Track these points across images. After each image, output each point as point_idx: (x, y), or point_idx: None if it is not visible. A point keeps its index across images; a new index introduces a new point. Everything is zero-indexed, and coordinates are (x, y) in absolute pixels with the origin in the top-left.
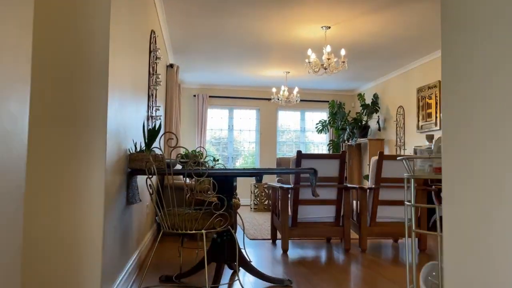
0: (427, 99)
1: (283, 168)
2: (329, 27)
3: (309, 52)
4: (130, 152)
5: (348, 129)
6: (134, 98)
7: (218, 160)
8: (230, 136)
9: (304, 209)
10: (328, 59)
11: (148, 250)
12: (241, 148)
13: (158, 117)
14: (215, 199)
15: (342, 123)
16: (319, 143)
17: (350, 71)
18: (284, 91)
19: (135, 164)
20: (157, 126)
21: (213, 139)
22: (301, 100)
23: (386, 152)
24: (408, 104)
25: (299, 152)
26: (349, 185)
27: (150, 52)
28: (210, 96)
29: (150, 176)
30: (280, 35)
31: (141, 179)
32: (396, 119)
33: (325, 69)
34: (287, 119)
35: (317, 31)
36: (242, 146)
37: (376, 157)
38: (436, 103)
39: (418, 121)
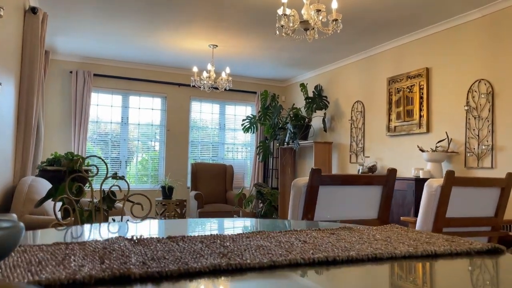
0: (405, 92)
1: None
2: None
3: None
4: None
5: (290, 128)
6: None
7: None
8: (123, 132)
9: None
10: (318, 10)
11: None
12: (139, 149)
13: None
14: None
15: (278, 120)
16: (245, 145)
17: (288, 53)
18: (210, 71)
19: None
20: None
21: (97, 135)
22: (228, 89)
23: (336, 159)
24: (371, 99)
25: (316, 172)
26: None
27: None
28: (95, 75)
29: None
30: None
31: None
32: (351, 117)
33: (312, 29)
34: (203, 113)
35: None
36: (140, 146)
37: (437, 183)
38: (421, 97)
39: (389, 121)
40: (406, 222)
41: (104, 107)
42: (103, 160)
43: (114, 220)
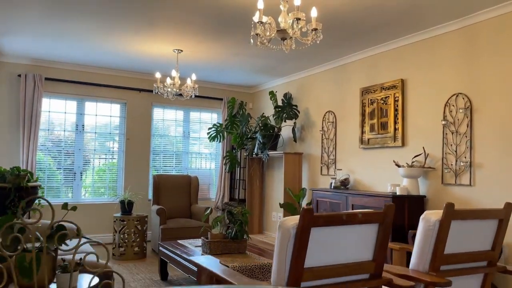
0: (380, 104)
1: None
2: None
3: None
4: None
5: (259, 138)
6: None
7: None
8: (78, 140)
9: None
10: (298, 19)
11: None
12: (96, 159)
13: None
14: None
15: (247, 129)
16: (210, 155)
17: (257, 60)
18: (174, 78)
19: None
20: None
21: (49, 144)
22: (194, 96)
23: (306, 171)
24: (342, 109)
25: (308, 213)
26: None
27: None
28: (47, 79)
29: None
30: None
31: None
32: (322, 128)
33: (290, 38)
34: (166, 120)
35: None
36: (97, 155)
37: (435, 217)
38: (396, 109)
39: (363, 133)
40: (389, 249)
41: (57, 113)
42: (49, 203)
43: (64, 261)
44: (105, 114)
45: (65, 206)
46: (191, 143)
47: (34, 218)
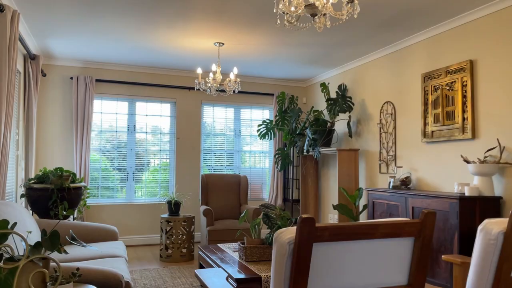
0: (445, 91)
1: None
2: None
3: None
4: None
5: (309, 134)
6: None
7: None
8: (130, 141)
9: None
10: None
11: None
12: (148, 159)
13: None
14: None
15: (297, 125)
16: (263, 153)
17: (307, 49)
18: (216, 73)
19: None
20: None
21: (102, 145)
22: (237, 92)
23: (363, 169)
24: (402, 99)
25: (307, 223)
26: None
27: None
28: (98, 80)
29: None
30: None
31: None
32: (380, 121)
33: (322, 15)
34: (217, 118)
35: None
36: (149, 155)
37: (497, 228)
38: (464, 96)
39: (425, 124)
40: (449, 263)
41: (108, 114)
42: (23, 238)
43: (56, 272)
44: (155, 113)
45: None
46: (243, 142)
47: (79, 220)
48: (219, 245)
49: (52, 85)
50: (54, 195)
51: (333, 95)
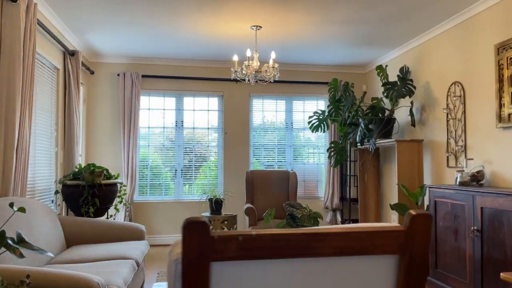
0: None
1: None
2: None
3: None
4: None
5: (362, 124)
6: None
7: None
8: (178, 137)
9: None
10: None
11: None
12: (196, 156)
13: None
14: None
15: (350, 114)
16: (316, 147)
17: (355, 27)
18: (252, 59)
19: None
20: None
21: (150, 142)
22: (287, 82)
23: (428, 163)
24: (473, 78)
25: (196, 229)
26: None
27: None
28: (144, 76)
29: None
30: None
31: None
32: (447, 105)
33: None
34: (267, 111)
35: None
36: (197, 152)
37: None
38: None
39: (501, 106)
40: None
41: (156, 111)
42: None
43: (2, 282)
44: (202, 108)
45: (11, 205)
46: (295, 136)
47: (127, 218)
48: None
49: (100, 83)
50: (85, 191)
51: (392, 78)
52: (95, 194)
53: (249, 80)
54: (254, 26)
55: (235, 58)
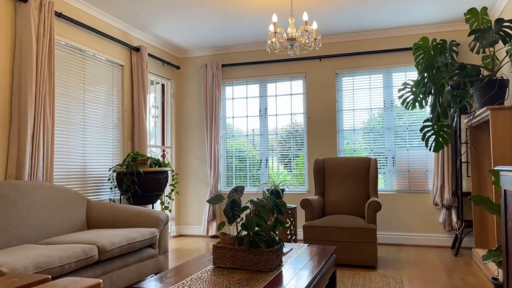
0: None
1: None
2: None
3: None
4: None
5: (448, 90)
6: None
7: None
8: (263, 125)
9: None
10: None
11: None
12: (279, 144)
13: None
14: None
15: (447, 76)
16: (417, 126)
17: None
18: (290, 23)
19: None
20: None
21: (234, 132)
22: (382, 51)
23: None
24: None
25: None
26: None
27: None
28: (223, 65)
29: None
30: None
31: None
32: None
33: None
34: (357, 90)
35: None
36: (280, 141)
37: None
38: None
39: None
40: None
41: (239, 100)
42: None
43: None
44: (285, 92)
45: None
46: (396, 116)
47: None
48: None
49: (187, 77)
50: (125, 178)
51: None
52: (135, 181)
53: (291, 50)
54: None
55: (271, 28)
